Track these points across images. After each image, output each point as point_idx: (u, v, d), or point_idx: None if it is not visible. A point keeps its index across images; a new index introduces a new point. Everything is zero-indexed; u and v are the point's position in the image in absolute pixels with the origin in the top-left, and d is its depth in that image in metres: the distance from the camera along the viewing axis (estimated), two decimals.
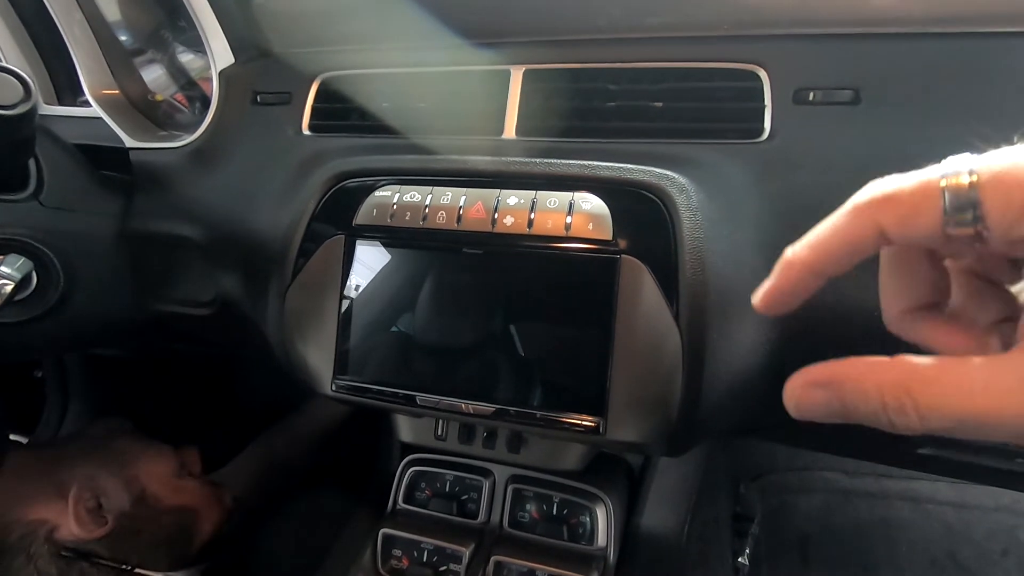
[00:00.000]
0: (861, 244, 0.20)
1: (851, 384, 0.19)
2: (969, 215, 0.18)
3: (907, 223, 0.19)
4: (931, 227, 0.18)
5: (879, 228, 0.19)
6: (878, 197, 0.20)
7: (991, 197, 0.18)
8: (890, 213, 0.19)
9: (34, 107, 0.49)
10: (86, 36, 0.62)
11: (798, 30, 0.48)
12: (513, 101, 0.51)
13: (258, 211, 0.56)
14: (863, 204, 0.20)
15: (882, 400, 0.18)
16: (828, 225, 0.21)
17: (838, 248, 0.20)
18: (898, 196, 0.19)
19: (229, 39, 0.59)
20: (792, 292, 0.22)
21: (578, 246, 0.43)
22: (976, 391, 0.17)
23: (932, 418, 0.17)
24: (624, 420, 0.43)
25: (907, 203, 0.19)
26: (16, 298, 0.55)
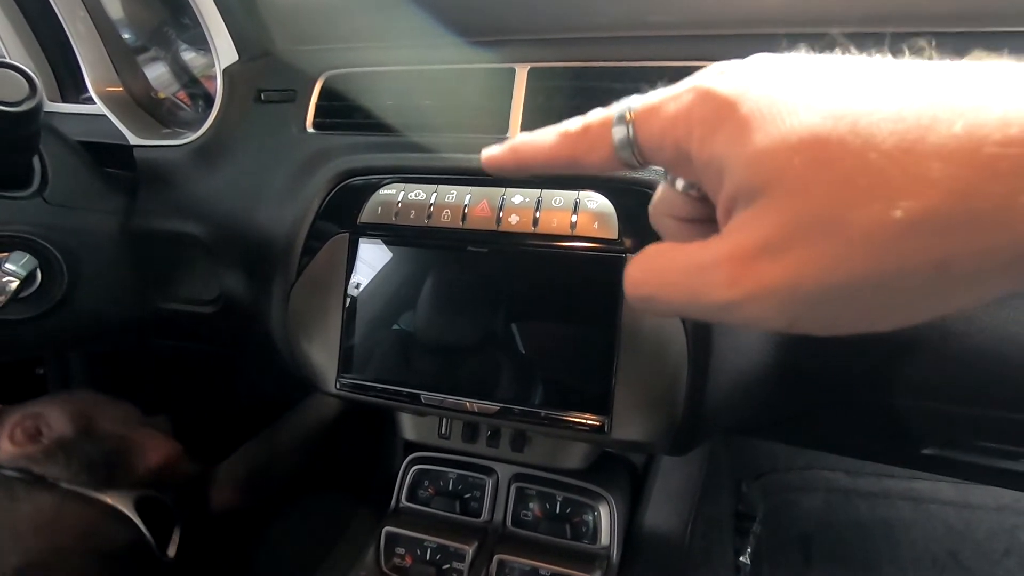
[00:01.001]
0: (559, 162, 0.25)
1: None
2: (629, 150, 0.23)
3: (590, 154, 0.24)
4: (607, 158, 0.24)
5: (572, 155, 0.25)
6: (576, 130, 0.25)
7: (640, 133, 0.23)
8: (581, 145, 0.25)
9: (39, 104, 0.49)
10: (90, 33, 0.62)
11: (801, 29, 0.48)
12: (518, 99, 0.51)
13: (262, 209, 0.56)
14: (568, 132, 0.25)
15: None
16: (545, 135, 0.26)
17: (542, 157, 0.26)
18: (588, 132, 0.24)
19: (233, 37, 0.59)
20: (502, 165, 0.27)
21: (583, 245, 0.43)
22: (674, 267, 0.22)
23: (641, 287, 0.23)
24: (629, 419, 0.43)
25: (590, 139, 0.24)
26: (20, 295, 0.55)
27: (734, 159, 0.19)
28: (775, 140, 0.18)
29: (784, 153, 0.18)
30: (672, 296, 0.22)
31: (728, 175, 0.20)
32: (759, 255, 0.18)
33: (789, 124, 0.18)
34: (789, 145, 0.18)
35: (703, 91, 0.21)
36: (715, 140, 0.20)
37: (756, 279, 0.19)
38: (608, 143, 0.23)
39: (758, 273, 0.18)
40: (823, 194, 0.17)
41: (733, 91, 0.20)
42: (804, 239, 0.18)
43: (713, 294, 0.20)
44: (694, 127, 0.21)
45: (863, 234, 0.17)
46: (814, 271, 0.18)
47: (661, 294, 0.22)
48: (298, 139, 0.57)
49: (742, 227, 0.19)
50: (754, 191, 0.19)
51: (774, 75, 0.20)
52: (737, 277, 0.19)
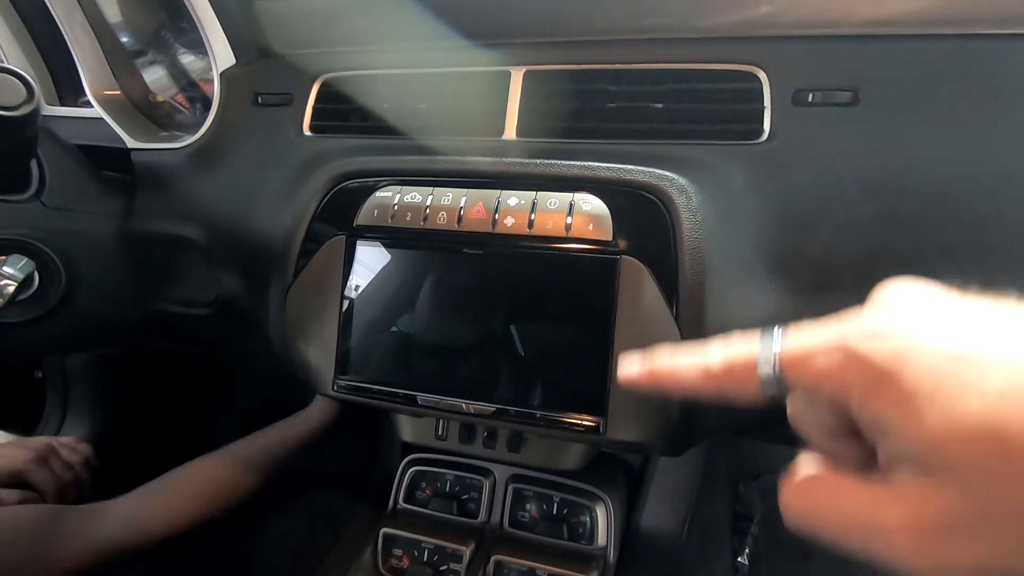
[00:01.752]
0: (704, 395, 0.26)
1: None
2: (774, 388, 0.23)
3: (736, 394, 0.25)
4: (756, 397, 0.24)
5: (719, 391, 0.25)
6: (719, 369, 0.25)
7: (789, 378, 0.23)
8: (726, 383, 0.25)
9: (36, 108, 0.49)
10: (88, 37, 0.63)
11: (797, 31, 0.48)
12: (513, 102, 0.51)
13: (259, 212, 0.56)
14: (712, 372, 0.25)
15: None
16: (690, 370, 0.26)
17: (685, 391, 0.26)
18: (730, 372, 0.25)
19: (230, 40, 0.60)
20: (643, 388, 0.28)
21: (578, 247, 0.43)
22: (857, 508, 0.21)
23: (808, 523, 0.22)
24: (624, 420, 0.43)
25: (736, 380, 0.25)
26: (18, 298, 0.55)
27: (902, 432, 0.19)
28: (949, 424, 0.18)
29: (962, 441, 0.18)
30: (844, 540, 0.21)
31: (894, 440, 0.20)
32: (944, 534, 0.19)
33: (962, 409, 0.18)
34: (967, 432, 0.18)
35: (855, 355, 0.21)
36: (877, 406, 0.20)
37: (942, 557, 0.19)
38: (756, 384, 0.24)
39: (944, 552, 0.19)
40: (1008, 486, 0.17)
41: (890, 362, 0.20)
42: (994, 526, 0.18)
43: (894, 555, 0.20)
44: (852, 389, 0.21)
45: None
46: (1004, 559, 0.18)
47: (831, 534, 0.22)
48: (295, 142, 0.57)
49: (921, 498, 0.19)
50: (930, 467, 0.19)
51: (930, 342, 0.20)
52: (922, 550, 0.19)
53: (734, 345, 0.25)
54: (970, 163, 0.41)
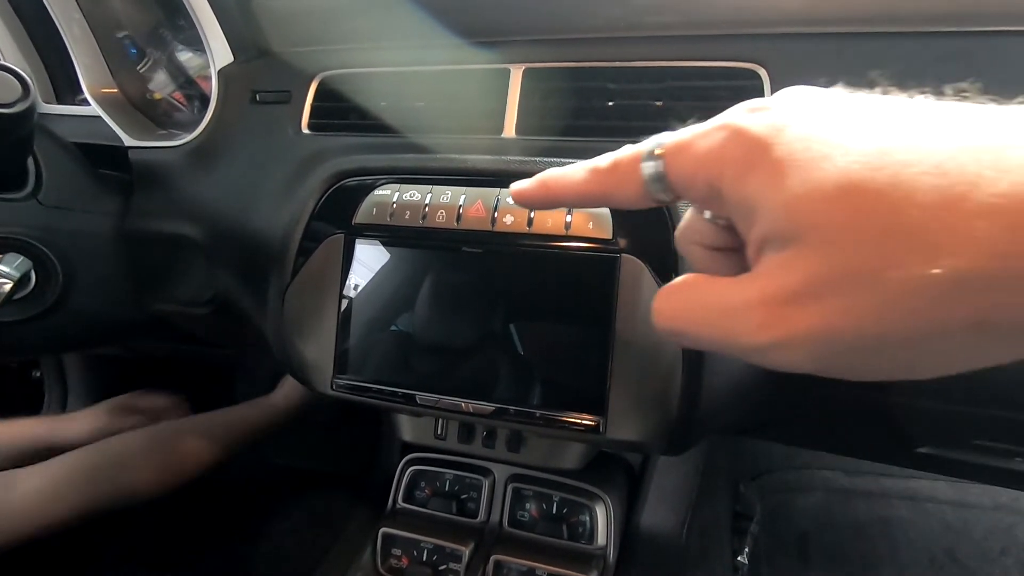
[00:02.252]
0: (591, 198, 0.26)
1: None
2: (660, 185, 0.23)
3: (621, 190, 0.24)
4: (638, 193, 0.24)
5: (604, 191, 0.25)
6: (606, 167, 0.25)
7: (671, 170, 0.23)
8: (611, 181, 0.25)
9: (32, 105, 0.49)
10: (85, 35, 0.62)
11: (797, 29, 0.48)
12: (513, 100, 0.51)
13: (257, 210, 0.55)
14: (598, 168, 0.25)
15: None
16: (575, 171, 0.26)
17: (572, 193, 0.26)
18: (617, 169, 0.24)
19: (228, 38, 0.59)
20: (532, 201, 0.28)
21: (578, 245, 0.43)
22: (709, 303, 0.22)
23: (672, 321, 0.23)
24: (624, 419, 0.43)
25: (619, 175, 0.24)
26: (15, 297, 0.55)
27: (767, 203, 0.19)
28: (811, 187, 0.18)
29: (820, 201, 0.18)
30: (702, 333, 0.22)
31: (760, 217, 0.19)
32: (791, 301, 0.18)
33: (825, 170, 0.18)
34: (825, 193, 0.18)
35: (734, 129, 0.20)
36: (747, 181, 0.20)
37: (787, 326, 0.19)
38: (639, 179, 0.23)
39: (789, 320, 0.18)
40: (860, 247, 0.17)
41: (766, 131, 0.20)
42: (838, 290, 0.18)
43: (744, 337, 0.20)
44: (726, 167, 0.20)
45: (901, 290, 0.17)
46: (847, 322, 0.18)
47: (691, 330, 0.22)
48: (293, 140, 0.57)
49: (774, 271, 0.19)
50: (787, 237, 0.18)
51: (807, 115, 0.19)
52: (768, 322, 0.19)
53: (623, 148, 0.25)
54: None
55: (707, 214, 0.24)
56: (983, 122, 0.17)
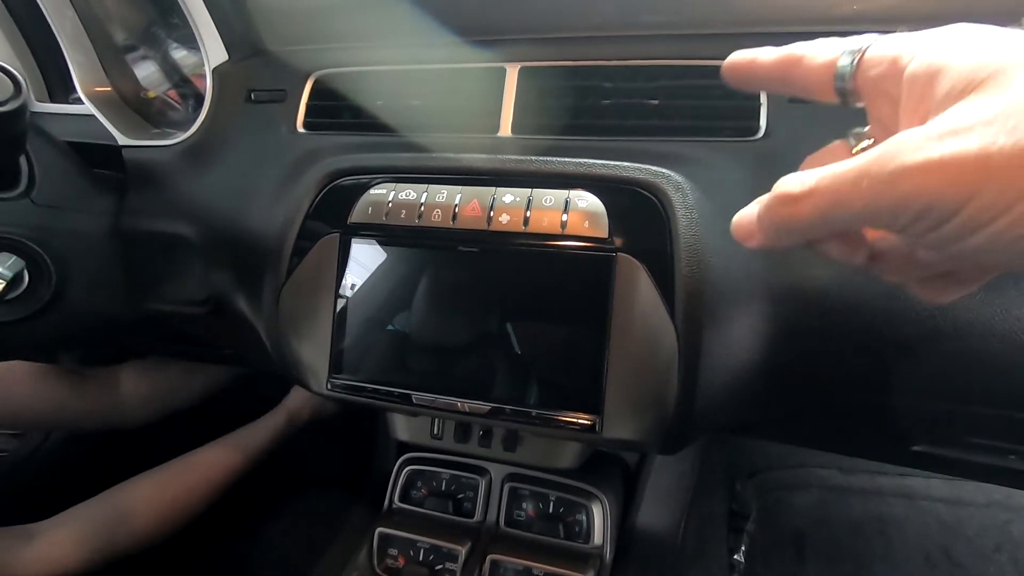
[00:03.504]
0: (782, 70, 0.27)
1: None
2: (846, 83, 0.25)
3: (813, 73, 0.26)
4: (825, 81, 0.26)
5: (800, 64, 0.27)
6: (801, 50, 0.27)
7: (860, 73, 0.25)
8: (803, 66, 0.27)
9: (24, 104, 0.48)
10: (78, 33, 0.62)
11: (792, 28, 0.48)
12: (509, 99, 0.51)
13: (252, 209, 0.55)
14: (796, 51, 0.27)
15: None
16: (787, 50, 0.27)
17: (769, 63, 0.28)
18: (816, 53, 0.26)
19: (223, 36, 0.59)
20: (739, 70, 0.29)
21: (574, 244, 0.43)
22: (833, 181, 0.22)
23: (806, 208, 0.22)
24: (620, 418, 0.43)
25: (815, 64, 0.26)
26: (7, 297, 0.55)
27: (958, 58, 0.21)
28: (996, 51, 0.20)
29: (1009, 55, 0.19)
30: (851, 200, 0.21)
31: (947, 72, 0.21)
32: (953, 132, 0.19)
33: (1009, 44, 0.20)
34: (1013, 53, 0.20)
35: (933, 37, 0.23)
36: (937, 49, 0.22)
37: (947, 146, 0.18)
38: (831, 71, 0.25)
39: (950, 142, 0.18)
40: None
41: (963, 30, 0.23)
42: (1006, 120, 0.18)
43: (893, 161, 0.19)
44: (918, 46, 0.23)
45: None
46: (1008, 143, 0.17)
47: (834, 205, 0.21)
48: (288, 139, 0.56)
49: (954, 111, 0.20)
50: (975, 80, 0.20)
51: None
52: (924, 145, 0.19)
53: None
54: None
55: (852, 137, 0.27)
56: None
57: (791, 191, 0.23)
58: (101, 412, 0.79)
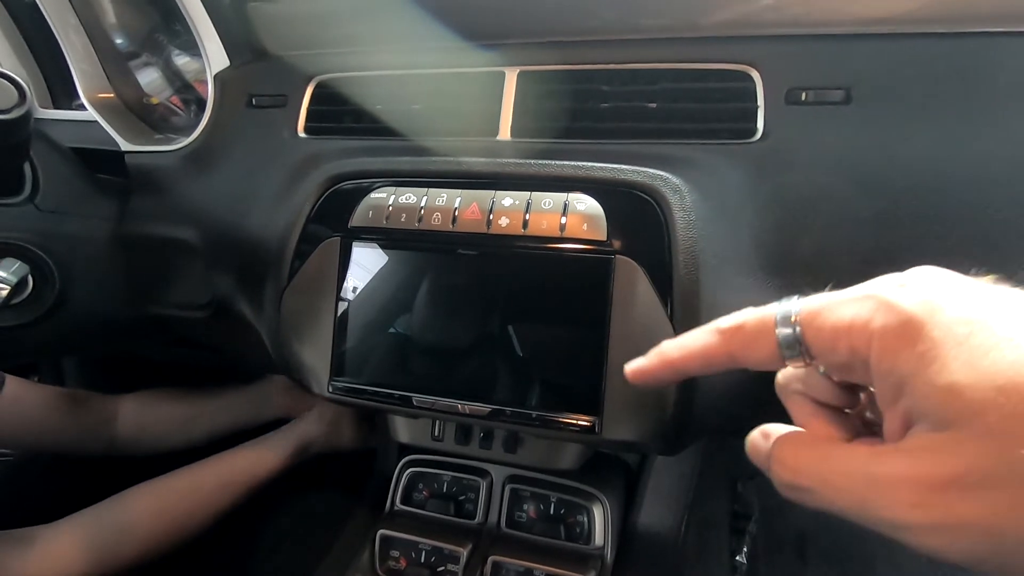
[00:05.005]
0: (716, 361, 0.26)
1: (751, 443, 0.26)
2: (796, 349, 0.23)
3: (749, 352, 0.24)
4: (769, 356, 0.24)
5: (729, 351, 0.25)
6: (731, 327, 0.25)
7: (808, 334, 0.23)
8: (737, 342, 0.25)
9: (29, 111, 0.49)
10: (81, 40, 0.62)
11: (790, 30, 0.48)
12: (508, 103, 0.51)
13: (254, 214, 0.56)
14: (722, 329, 0.25)
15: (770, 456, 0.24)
16: (697, 336, 0.26)
17: (698, 359, 0.26)
18: (744, 329, 0.24)
19: (224, 42, 0.59)
20: (656, 377, 0.28)
21: (573, 246, 0.43)
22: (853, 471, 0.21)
23: (800, 477, 0.23)
24: (620, 419, 0.43)
25: (750, 337, 0.24)
26: (12, 302, 0.55)
27: (924, 384, 0.19)
28: (977, 376, 0.18)
29: (989, 392, 0.17)
30: (836, 497, 0.21)
31: (913, 392, 0.19)
32: (953, 486, 0.18)
33: (994, 360, 0.18)
34: (995, 384, 0.17)
35: (884, 302, 0.20)
36: (900, 357, 0.20)
37: (949, 510, 0.18)
38: (771, 343, 0.23)
39: (951, 507, 0.18)
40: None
41: (921, 309, 0.19)
42: (1009, 484, 0.17)
43: (892, 511, 0.19)
44: (874, 338, 0.20)
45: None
46: (1018, 518, 0.17)
47: (823, 491, 0.22)
48: (289, 144, 0.57)
49: (932, 452, 0.19)
50: (947, 420, 0.18)
51: (962, 299, 0.19)
52: (924, 503, 0.18)
53: (746, 312, 0.25)
54: (963, 161, 0.41)
55: (822, 369, 0.24)
56: None
57: (780, 458, 0.24)
58: (97, 439, 0.78)
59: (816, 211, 0.43)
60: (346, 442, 0.81)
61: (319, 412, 0.78)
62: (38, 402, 0.74)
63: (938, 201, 0.41)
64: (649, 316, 0.42)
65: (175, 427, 0.82)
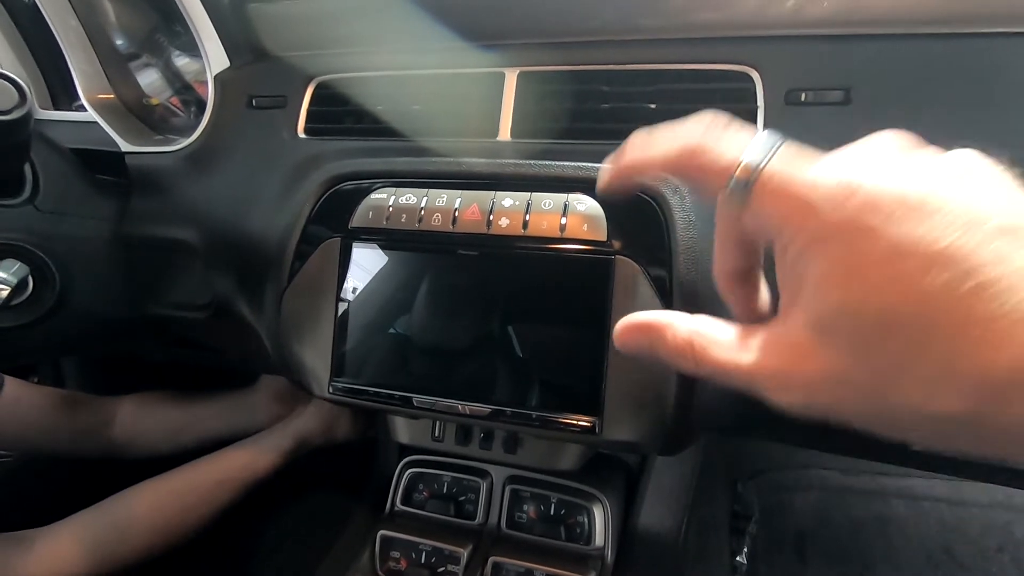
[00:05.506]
0: (674, 170, 0.26)
1: (656, 332, 0.26)
2: (740, 197, 0.23)
3: (703, 179, 0.24)
4: (714, 192, 0.24)
5: (686, 169, 0.25)
6: (696, 146, 0.24)
7: (758, 193, 0.22)
8: (695, 163, 0.24)
9: (29, 112, 0.49)
10: (81, 41, 0.62)
11: (790, 31, 0.48)
12: (508, 103, 0.52)
13: (254, 214, 0.56)
14: (689, 146, 0.24)
15: (675, 346, 0.26)
16: (666, 143, 0.25)
17: (660, 164, 0.26)
18: (708, 157, 0.24)
19: (224, 43, 0.59)
20: (623, 178, 0.29)
21: (573, 247, 0.43)
22: (733, 352, 0.24)
23: (703, 367, 0.25)
24: (620, 420, 0.43)
25: (708, 166, 0.24)
26: (12, 303, 0.55)
27: (814, 295, 0.21)
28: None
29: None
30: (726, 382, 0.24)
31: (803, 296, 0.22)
32: (817, 384, 0.22)
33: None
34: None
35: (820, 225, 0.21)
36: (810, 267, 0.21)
37: (811, 399, 0.22)
38: (720, 184, 0.23)
39: (814, 394, 0.22)
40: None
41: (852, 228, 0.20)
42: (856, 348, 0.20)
43: (767, 395, 0.23)
44: (797, 238, 0.22)
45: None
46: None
47: (718, 379, 0.24)
48: (289, 144, 0.57)
49: (798, 352, 0.22)
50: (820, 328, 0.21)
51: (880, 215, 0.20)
52: (791, 392, 0.23)
53: (712, 131, 0.24)
54: None
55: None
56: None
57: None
58: (93, 442, 0.77)
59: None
60: (343, 436, 0.80)
61: (315, 407, 0.78)
62: (36, 403, 0.74)
63: None
64: None
65: (167, 435, 0.81)
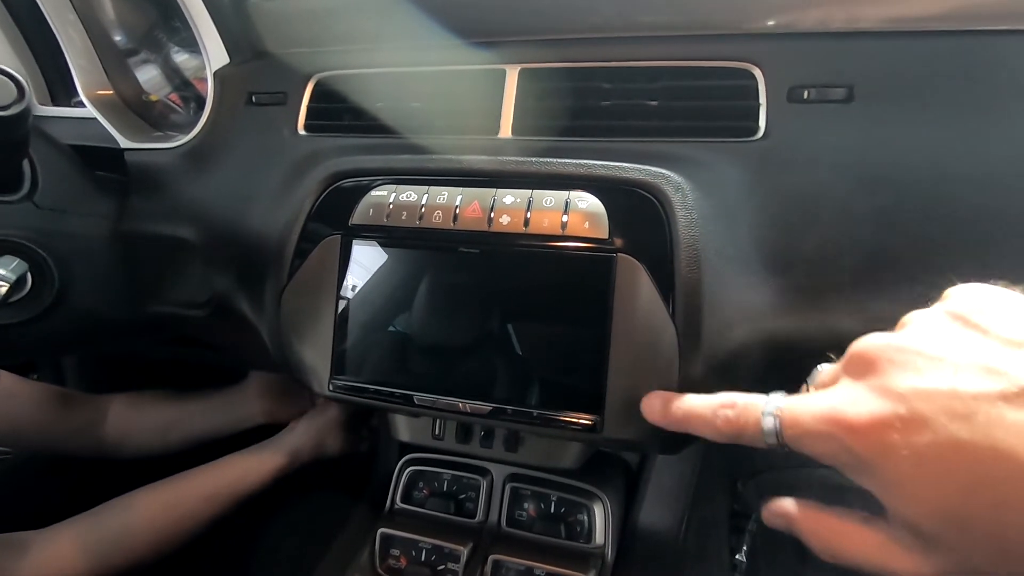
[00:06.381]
0: (710, 433, 0.32)
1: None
2: (774, 438, 0.29)
3: (738, 435, 0.30)
4: (753, 440, 0.30)
5: (720, 430, 0.31)
6: (731, 410, 0.31)
7: (785, 429, 0.28)
8: (731, 426, 0.31)
9: (28, 108, 0.49)
10: (80, 37, 0.62)
11: (792, 28, 0.48)
12: (509, 100, 0.51)
13: (254, 212, 0.55)
14: (725, 407, 0.31)
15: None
16: (700, 407, 0.33)
17: (695, 426, 0.33)
18: (738, 417, 0.30)
19: (224, 39, 0.59)
20: (663, 424, 0.36)
21: (574, 244, 0.43)
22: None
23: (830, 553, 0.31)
24: (621, 418, 0.43)
25: (740, 423, 0.30)
26: (11, 300, 0.55)
27: (894, 511, 0.26)
28: (930, 512, 0.24)
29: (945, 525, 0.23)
30: (853, 565, 0.29)
31: (889, 511, 0.26)
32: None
33: (941, 502, 0.23)
34: (947, 521, 0.23)
35: (844, 445, 0.26)
36: (869, 486, 0.26)
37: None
38: (757, 429, 0.29)
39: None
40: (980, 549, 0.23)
41: (875, 450, 0.25)
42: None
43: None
44: (844, 470, 0.27)
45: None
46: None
47: (843, 558, 0.29)
48: (289, 141, 0.57)
49: (920, 556, 0.25)
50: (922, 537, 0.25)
51: (910, 434, 0.23)
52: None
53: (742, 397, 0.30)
54: (965, 160, 0.41)
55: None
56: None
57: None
58: (85, 441, 0.77)
59: (818, 209, 0.43)
60: (335, 451, 0.80)
61: (307, 422, 0.77)
62: (32, 399, 0.74)
63: (940, 200, 0.41)
64: (651, 314, 0.41)
65: (157, 433, 0.81)
